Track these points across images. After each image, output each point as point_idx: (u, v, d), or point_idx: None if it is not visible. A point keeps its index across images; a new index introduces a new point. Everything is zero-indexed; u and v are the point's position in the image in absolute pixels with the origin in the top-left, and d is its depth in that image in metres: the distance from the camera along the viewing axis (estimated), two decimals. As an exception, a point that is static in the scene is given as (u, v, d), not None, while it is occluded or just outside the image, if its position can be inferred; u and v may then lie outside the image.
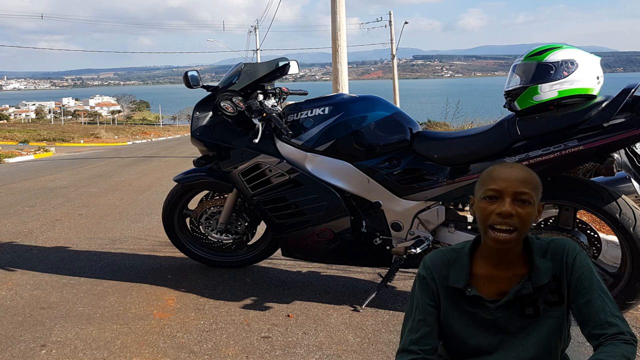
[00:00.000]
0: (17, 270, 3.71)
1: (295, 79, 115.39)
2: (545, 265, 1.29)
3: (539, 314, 1.28)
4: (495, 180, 1.25)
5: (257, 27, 32.69)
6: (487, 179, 1.28)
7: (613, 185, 2.73)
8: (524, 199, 1.23)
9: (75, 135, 38.59)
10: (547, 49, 2.67)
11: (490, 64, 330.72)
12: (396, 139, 2.99)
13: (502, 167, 1.28)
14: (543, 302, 1.29)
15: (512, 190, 1.23)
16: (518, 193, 1.23)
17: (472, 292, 1.32)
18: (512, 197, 1.23)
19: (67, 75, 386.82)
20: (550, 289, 1.28)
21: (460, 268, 1.33)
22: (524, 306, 1.29)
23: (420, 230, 2.95)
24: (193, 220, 3.67)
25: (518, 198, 1.23)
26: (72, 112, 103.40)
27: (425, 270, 1.38)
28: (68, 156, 15.74)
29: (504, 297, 1.30)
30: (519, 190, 1.23)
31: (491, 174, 1.27)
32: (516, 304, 1.29)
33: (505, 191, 1.23)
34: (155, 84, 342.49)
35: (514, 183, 1.23)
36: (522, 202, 1.23)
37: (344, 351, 2.47)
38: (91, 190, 7.36)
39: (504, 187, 1.23)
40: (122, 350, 2.49)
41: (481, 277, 1.33)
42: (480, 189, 1.29)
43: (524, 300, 1.28)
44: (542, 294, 1.29)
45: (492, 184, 1.25)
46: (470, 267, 1.34)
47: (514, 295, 1.29)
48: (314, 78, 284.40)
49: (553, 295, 1.28)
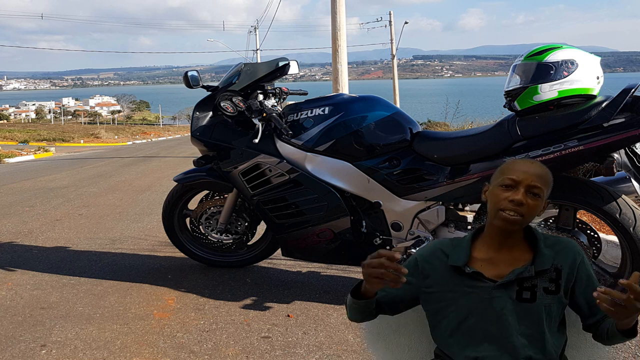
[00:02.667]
0: (17, 270, 3.71)
1: (295, 79, 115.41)
2: (549, 253, 1.37)
3: (534, 300, 1.33)
4: (514, 171, 1.36)
5: (257, 27, 32.68)
6: (507, 169, 1.39)
7: (613, 185, 2.73)
8: (536, 192, 1.34)
9: (75, 135, 38.60)
10: (547, 49, 2.67)
11: (490, 64, 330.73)
12: (396, 139, 2.99)
13: (523, 161, 1.40)
14: (541, 288, 1.34)
15: (528, 182, 1.34)
16: (532, 186, 1.34)
17: (472, 269, 1.37)
18: (526, 189, 1.34)
19: (67, 75, 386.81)
20: (550, 277, 1.35)
21: (460, 249, 1.41)
22: (522, 289, 1.34)
23: (420, 230, 2.95)
24: (193, 220, 3.67)
25: (531, 190, 1.34)
26: (72, 112, 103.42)
27: (421, 252, 1.47)
28: (68, 156, 15.74)
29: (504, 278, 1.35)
30: (534, 184, 1.34)
31: (512, 166, 1.39)
32: (515, 285, 1.34)
33: (521, 182, 1.34)
34: (155, 84, 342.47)
35: (530, 176, 1.34)
36: (533, 194, 1.34)
37: (344, 351, 2.47)
38: (91, 190, 7.36)
39: (521, 178, 1.34)
40: (122, 350, 2.49)
41: (480, 260, 1.38)
42: (499, 177, 1.39)
43: (523, 284, 1.34)
44: (541, 280, 1.34)
45: (512, 174, 1.36)
46: (470, 249, 1.40)
47: (516, 277, 1.33)
48: (314, 78, 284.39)
49: (551, 284, 1.34)
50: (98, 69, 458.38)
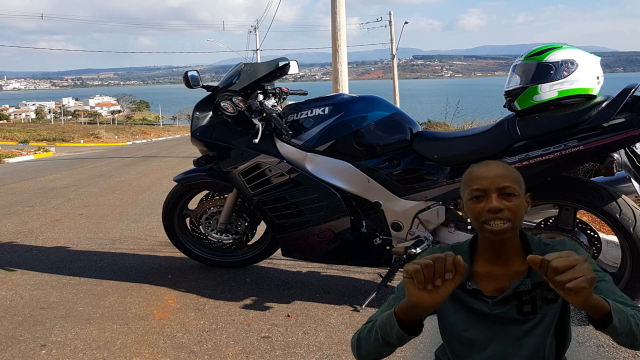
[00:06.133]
0: (17, 270, 3.71)
1: (295, 79, 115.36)
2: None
3: (536, 311, 1.30)
4: (476, 180, 1.31)
5: (257, 27, 32.69)
6: (469, 180, 1.33)
7: (613, 185, 2.73)
8: (508, 192, 1.29)
9: (75, 135, 38.59)
10: (547, 49, 2.67)
11: (490, 64, 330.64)
12: (396, 139, 2.99)
13: (479, 167, 1.34)
14: (540, 299, 1.30)
15: (495, 186, 1.28)
16: (501, 188, 1.28)
17: (472, 286, 1.33)
18: (497, 193, 1.28)
19: (67, 75, 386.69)
20: (547, 286, 1.27)
21: None
22: (522, 303, 1.30)
23: (420, 230, 2.95)
24: (193, 220, 3.67)
25: (503, 192, 1.29)
26: (72, 112, 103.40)
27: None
28: (68, 156, 15.74)
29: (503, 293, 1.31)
30: (502, 185, 1.28)
31: (471, 175, 1.33)
32: (514, 300, 1.30)
33: (489, 188, 1.29)
34: (155, 84, 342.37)
35: (495, 180, 1.29)
36: (507, 195, 1.29)
37: (344, 351, 2.47)
38: (91, 190, 7.36)
39: (486, 185, 1.29)
40: (122, 350, 2.49)
41: (480, 275, 1.34)
42: (465, 191, 1.33)
43: (522, 297, 1.30)
44: (539, 290, 1.30)
45: (475, 184, 1.31)
46: (470, 263, 1.35)
47: (513, 291, 1.30)
48: (314, 78, 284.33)
49: (549, 292, 1.29)
50: (98, 69, 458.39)
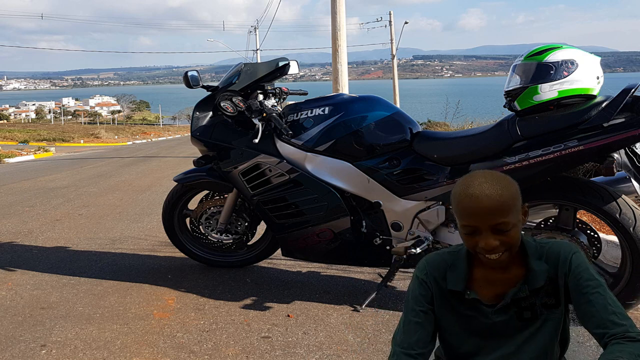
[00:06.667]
0: (17, 270, 3.71)
1: (295, 79, 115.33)
2: (541, 267, 1.28)
3: (536, 318, 1.28)
4: (467, 215, 1.23)
5: (257, 27, 32.70)
6: (458, 211, 1.25)
7: (613, 185, 2.73)
8: (502, 229, 1.21)
9: (75, 135, 38.59)
10: (547, 49, 2.67)
11: (490, 64, 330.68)
12: (396, 139, 2.98)
13: (469, 197, 1.22)
14: (540, 305, 1.28)
15: (488, 224, 1.21)
16: (494, 225, 1.21)
17: (472, 295, 1.31)
18: (491, 230, 1.22)
19: (67, 75, 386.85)
20: (546, 291, 1.28)
21: (458, 271, 1.33)
22: (522, 310, 1.28)
23: (420, 230, 2.95)
24: (193, 220, 3.67)
25: (496, 229, 1.21)
26: (72, 112, 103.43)
27: (423, 273, 1.37)
28: (68, 156, 15.74)
29: (502, 300, 1.30)
30: (494, 223, 1.21)
31: (462, 206, 1.24)
32: (513, 307, 1.29)
33: (481, 227, 1.22)
34: (155, 84, 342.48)
35: (486, 217, 1.20)
36: (500, 231, 1.22)
37: (344, 351, 2.47)
38: (91, 190, 7.35)
39: (478, 223, 1.22)
40: (122, 350, 2.49)
41: (479, 280, 1.32)
42: (457, 218, 1.26)
43: (521, 304, 1.28)
44: (539, 296, 1.28)
45: (466, 219, 1.23)
46: (468, 270, 1.33)
47: (511, 299, 1.28)
48: (314, 78, 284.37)
49: (550, 298, 1.28)
50: (98, 69, 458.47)
